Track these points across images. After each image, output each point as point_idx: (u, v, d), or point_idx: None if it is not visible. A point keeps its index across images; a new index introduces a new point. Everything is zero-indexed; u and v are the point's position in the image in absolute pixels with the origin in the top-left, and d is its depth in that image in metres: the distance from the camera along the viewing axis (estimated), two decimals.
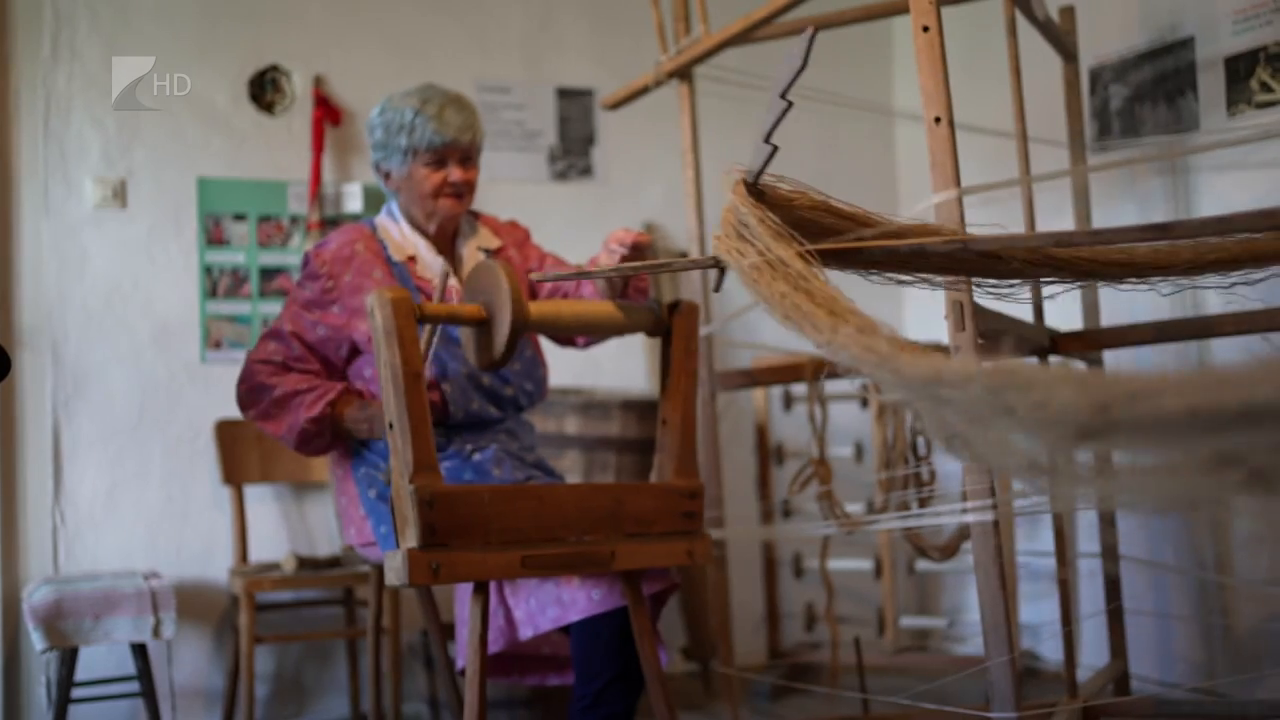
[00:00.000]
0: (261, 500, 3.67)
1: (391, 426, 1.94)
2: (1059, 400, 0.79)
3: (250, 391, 2.52)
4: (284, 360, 2.52)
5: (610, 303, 2.18)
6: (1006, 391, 0.85)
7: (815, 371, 3.35)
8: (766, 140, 1.61)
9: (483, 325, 2.03)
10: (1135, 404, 0.75)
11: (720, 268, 1.74)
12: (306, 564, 3.35)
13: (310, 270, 2.57)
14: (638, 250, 2.31)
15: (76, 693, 3.10)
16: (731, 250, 1.59)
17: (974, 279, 1.93)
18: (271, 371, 2.51)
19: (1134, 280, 1.94)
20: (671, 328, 2.19)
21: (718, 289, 1.86)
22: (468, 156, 2.61)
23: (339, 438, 2.53)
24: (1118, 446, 0.81)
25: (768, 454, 3.97)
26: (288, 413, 2.49)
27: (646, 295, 2.59)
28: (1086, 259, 1.89)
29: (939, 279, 1.87)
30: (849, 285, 1.56)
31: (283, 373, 2.51)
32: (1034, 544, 3.69)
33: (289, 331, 2.54)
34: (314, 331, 2.53)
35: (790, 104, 1.61)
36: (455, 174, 2.58)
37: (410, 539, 1.92)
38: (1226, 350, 3.08)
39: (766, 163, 1.61)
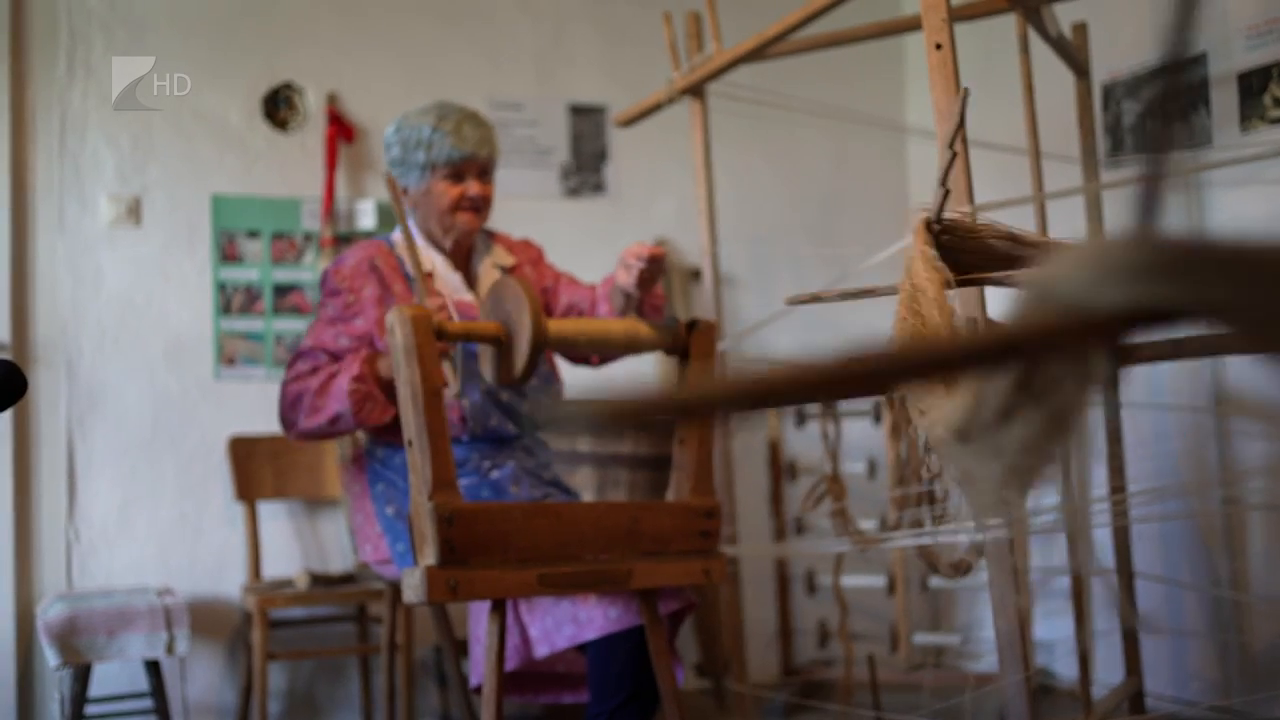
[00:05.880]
0: (275, 516, 3.68)
1: (411, 443, 1.95)
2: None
3: (292, 404, 2.51)
4: (313, 369, 2.52)
5: (628, 321, 2.18)
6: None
7: None
8: (941, 185, 1.74)
9: (502, 343, 2.03)
10: None
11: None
12: (320, 580, 3.35)
13: (330, 287, 2.57)
14: (654, 263, 2.32)
15: (90, 709, 3.10)
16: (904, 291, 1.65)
17: None
18: (304, 379, 2.51)
19: None
20: (689, 346, 2.19)
21: None
22: (485, 171, 2.62)
23: (389, 395, 2.47)
24: None
25: (780, 470, 3.96)
26: (332, 392, 2.46)
27: (662, 312, 2.59)
28: None
29: None
30: None
31: (314, 374, 2.51)
32: (1048, 560, 3.68)
33: (312, 347, 2.54)
34: (337, 343, 2.54)
35: (955, 153, 1.80)
36: (473, 188, 2.59)
37: (429, 556, 1.92)
38: (1243, 367, 3.07)
39: (943, 205, 1.71)
